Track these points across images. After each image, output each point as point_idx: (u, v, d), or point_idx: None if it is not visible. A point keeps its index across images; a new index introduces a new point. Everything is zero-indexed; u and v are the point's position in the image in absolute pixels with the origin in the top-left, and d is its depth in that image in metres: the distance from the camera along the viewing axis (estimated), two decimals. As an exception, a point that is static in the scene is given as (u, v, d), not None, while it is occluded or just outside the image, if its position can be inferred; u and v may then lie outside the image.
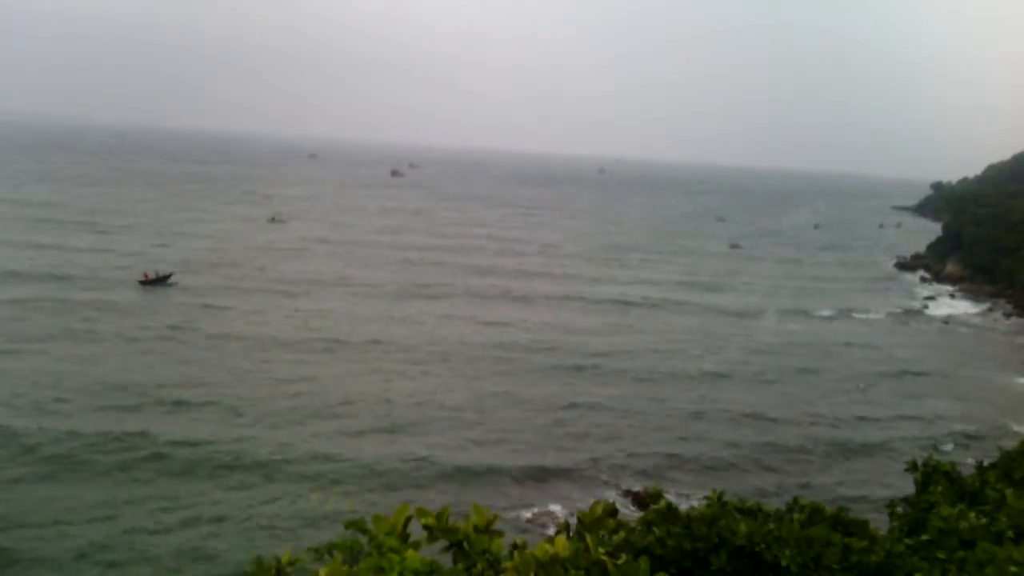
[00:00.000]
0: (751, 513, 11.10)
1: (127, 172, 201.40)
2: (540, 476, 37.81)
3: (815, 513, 11.94)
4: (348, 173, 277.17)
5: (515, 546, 4.01)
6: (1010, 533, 10.83)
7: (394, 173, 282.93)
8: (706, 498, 11.23)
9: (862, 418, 49.94)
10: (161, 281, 69.89)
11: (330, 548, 4.55)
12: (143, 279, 69.66)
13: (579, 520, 4.18)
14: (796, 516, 11.53)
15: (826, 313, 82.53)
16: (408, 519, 4.13)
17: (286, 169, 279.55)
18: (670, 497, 13.35)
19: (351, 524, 4.39)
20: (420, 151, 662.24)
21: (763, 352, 64.30)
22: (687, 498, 32.09)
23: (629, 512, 31.19)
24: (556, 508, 34.80)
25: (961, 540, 10.91)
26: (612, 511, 13.18)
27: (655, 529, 10.00)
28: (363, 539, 4.34)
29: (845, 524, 11.54)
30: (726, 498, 11.22)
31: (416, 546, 4.13)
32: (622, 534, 9.79)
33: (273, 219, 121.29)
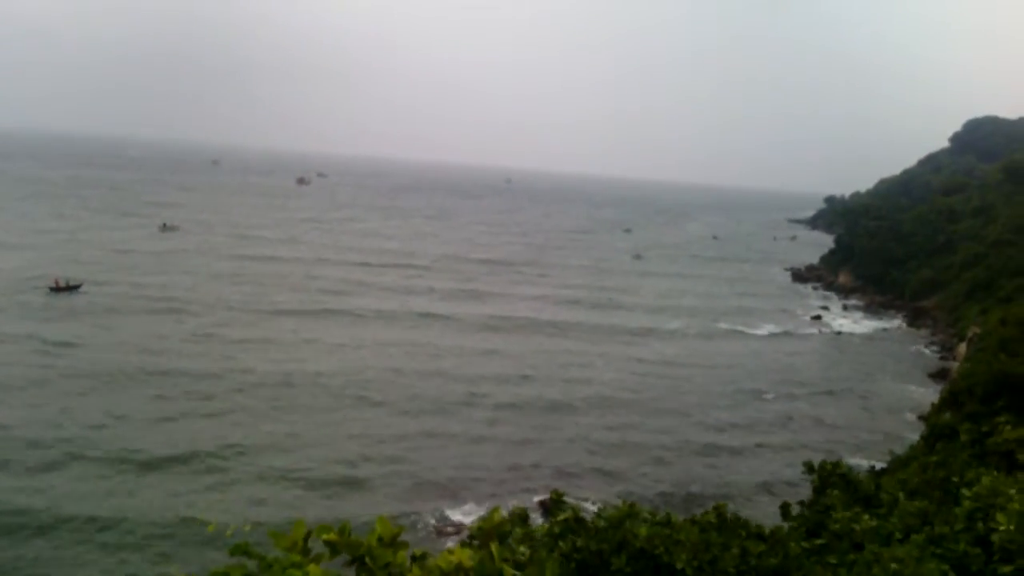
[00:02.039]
0: (659, 524, 11.33)
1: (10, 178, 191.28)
2: (433, 489, 38.09)
3: (722, 517, 12.28)
4: (251, 181, 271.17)
5: (414, 557, 3.98)
6: (899, 534, 11.33)
7: (300, 181, 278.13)
8: (614, 507, 11.43)
9: (756, 429, 51.30)
10: (72, 289, 69.77)
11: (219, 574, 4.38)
12: (53, 286, 69.34)
13: (479, 528, 4.17)
14: (697, 519, 11.86)
15: (723, 326, 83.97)
16: (308, 534, 4.06)
17: (185, 176, 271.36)
18: (572, 501, 13.49)
19: (235, 549, 4.17)
20: (329, 160, 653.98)
21: (656, 370, 64.06)
22: (592, 505, 32.51)
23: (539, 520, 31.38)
24: (463, 519, 34.92)
25: (853, 542, 11.38)
26: (524, 517, 13.24)
27: (561, 543, 10.16)
28: (250, 563, 4.19)
29: (743, 527, 11.90)
30: (635, 510, 11.44)
31: (318, 559, 4.07)
32: (527, 545, 9.89)
33: (164, 226, 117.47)
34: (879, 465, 31.28)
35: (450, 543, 31.77)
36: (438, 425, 46.06)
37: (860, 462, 36.89)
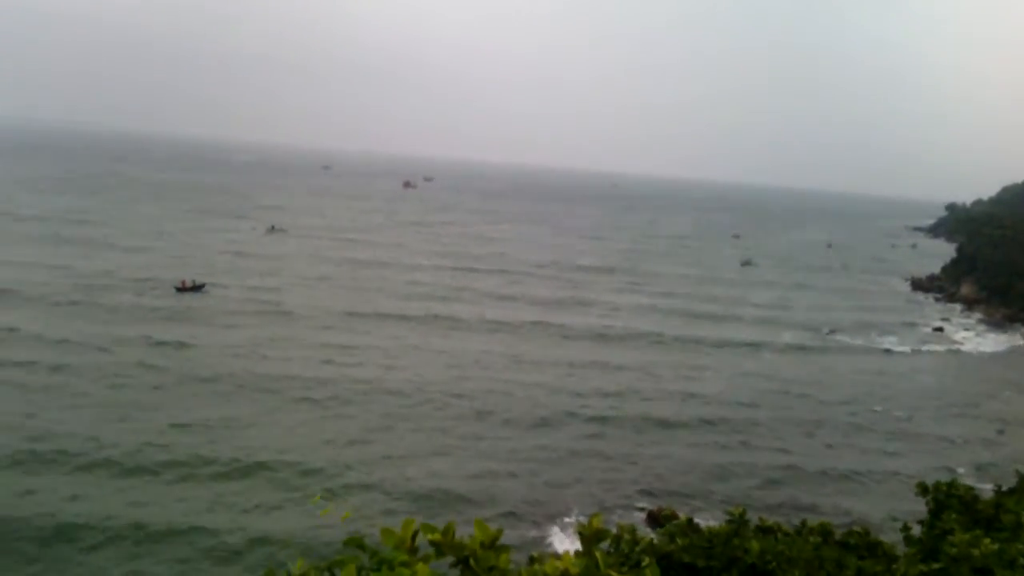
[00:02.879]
0: (769, 532, 10.96)
1: (138, 181, 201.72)
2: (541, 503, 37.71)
3: (829, 535, 11.77)
4: (358, 185, 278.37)
5: (532, 559, 3.93)
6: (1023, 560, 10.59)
7: (406, 185, 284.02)
8: (728, 513, 11.08)
9: (873, 449, 48.70)
10: (196, 289, 72.69)
11: (332, 566, 4.44)
12: (180, 286, 72.33)
13: (579, 534, 4.08)
14: (811, 537, 11.38)
15: (838, 339, 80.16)
16: (415, 533, 4.02)
17: (296, 179, 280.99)
18: (681, 516, 13.19)
19: (350, 541, 4.23)
20: (434, 164, 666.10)
21: (766, 386, 61.39)
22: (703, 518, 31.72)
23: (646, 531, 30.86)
24: (568, 521, 34.94)
25: (974, 568, 10.68)
26: (632, 530, 13.06)
27: (678, 539, 9.94)
28: (363, 556, 4.23)
29: (860, 546, 11.37)
30: (745, 518, 11.07)
31: (426, 559, 4.04)
32: (646, 540, 9.72)
33: (272, 229, 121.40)
34: (1005, 486, 29.39)
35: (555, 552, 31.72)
36: (542, 437, 45.32)
37: (984, 485, 34.79)
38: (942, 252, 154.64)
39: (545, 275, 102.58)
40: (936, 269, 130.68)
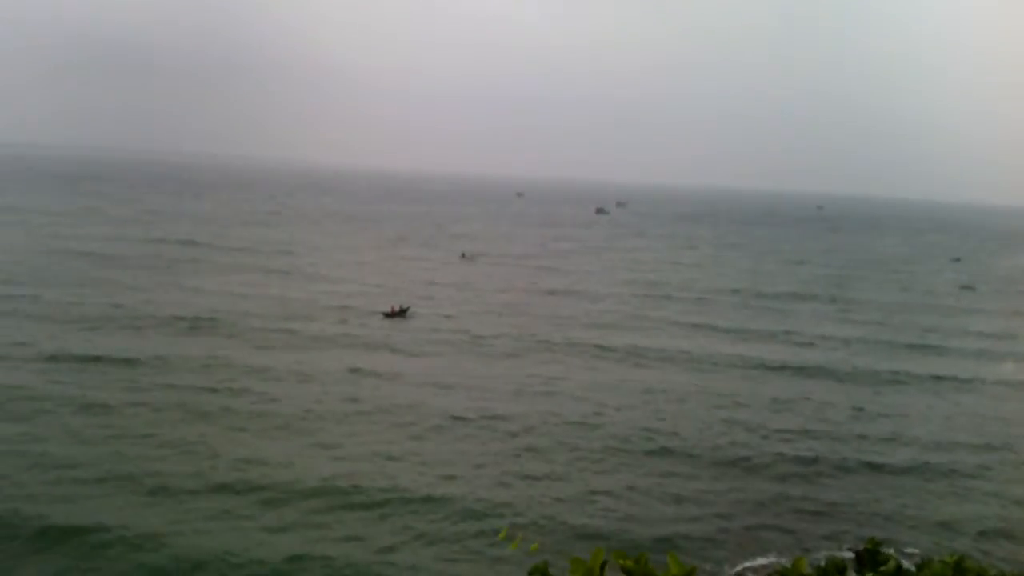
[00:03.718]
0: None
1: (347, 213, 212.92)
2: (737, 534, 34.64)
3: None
4: (550, 211, 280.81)
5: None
6: None
7: (599, 211, 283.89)
8: (940, 560, 8.40)
9: None
10: (402, 313, 75.14)
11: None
12: (388, 312, 74.87)
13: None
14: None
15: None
16: (604, 563, 4.19)
17: (489, 206, 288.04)
18: (892, 552, 10.37)
19: (535, 570, 4.57)
20: (629, 188, 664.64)
21: (992, 428, 53.93)
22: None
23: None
24: (762, 562, 32.02)
25: None
26: (840, 568, 10.60)
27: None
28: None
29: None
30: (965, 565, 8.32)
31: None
32: None
33: (463, 256, 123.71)
34: None
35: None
36: (738, 478, 41.73)
37: None
38: None
39: (741, 303, 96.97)
40: None
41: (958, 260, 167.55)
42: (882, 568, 8.82)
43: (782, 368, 65.54)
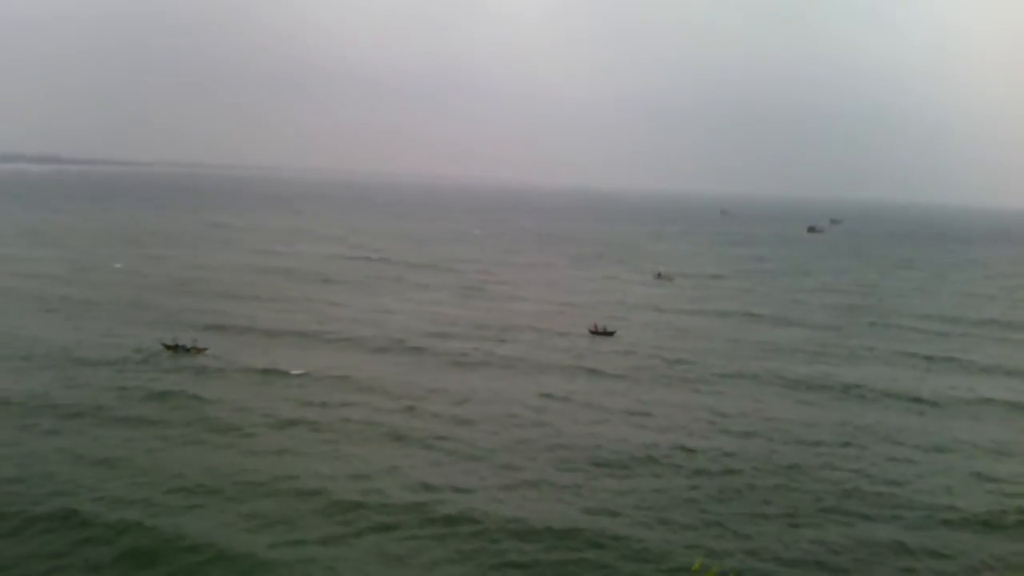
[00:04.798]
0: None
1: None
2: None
3: None
4: (758, 230, 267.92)
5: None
6: None
7: (811, 230, 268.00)
8: None
9: None
10: (607, 335, 74.06)
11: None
12: (593, 330, 74.48)
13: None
14: None
15: None
16: None
17: (692, 226, 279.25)
18: None
19: None
20: (844, 205, 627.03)
21: None
22: None
23: None
24: None
25: None
26: None
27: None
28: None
29: None
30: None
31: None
32: None
33: (659, 276, 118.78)
34: None
35: None
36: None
37: None
38: None
39: (993, 336, 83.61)
40: None
41: None
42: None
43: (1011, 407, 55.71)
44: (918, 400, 56.68)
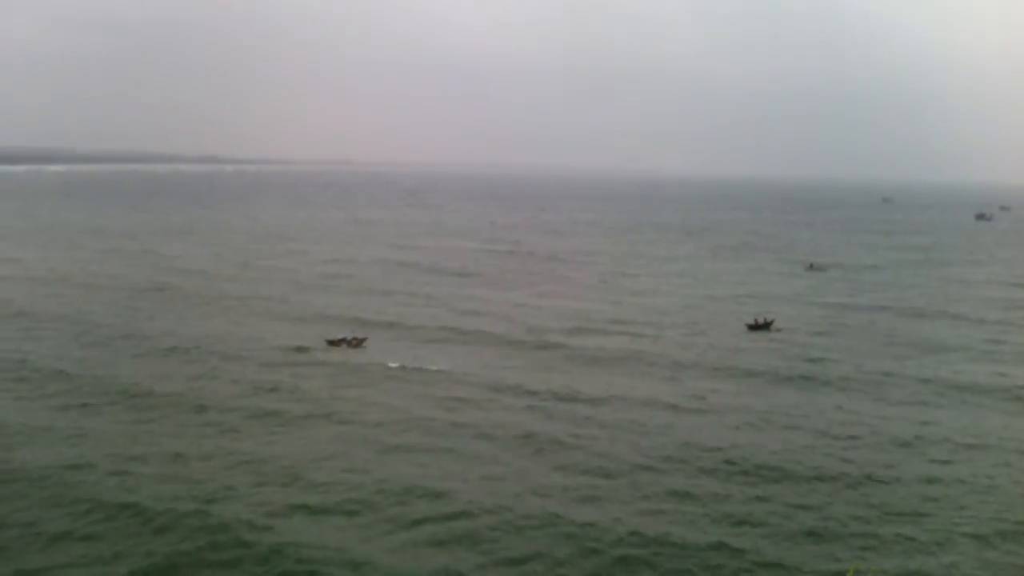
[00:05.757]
0: None
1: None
2: None
3: None
4: (923, 219, 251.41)
5: None
6: None
7: (979, 217, 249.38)
8: None
9: None
10: (766, 327, 71.23)
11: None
12: (752, 323, 71.30)
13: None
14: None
15: None
16: None
17: (854, 213, 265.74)
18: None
19: None
20: (1013, 191, 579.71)
21: None
22: None
23: None
24: None
25: None
26: None
27: None
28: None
29: None
30: None
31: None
32: None
33: (811, 267, 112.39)
34: None
35: None
36: None
37: None
38: None
39: None
40: None
41: None
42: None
43: None
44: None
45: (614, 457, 40.25)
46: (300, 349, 60.23)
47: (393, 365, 56.27)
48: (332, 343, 60.73)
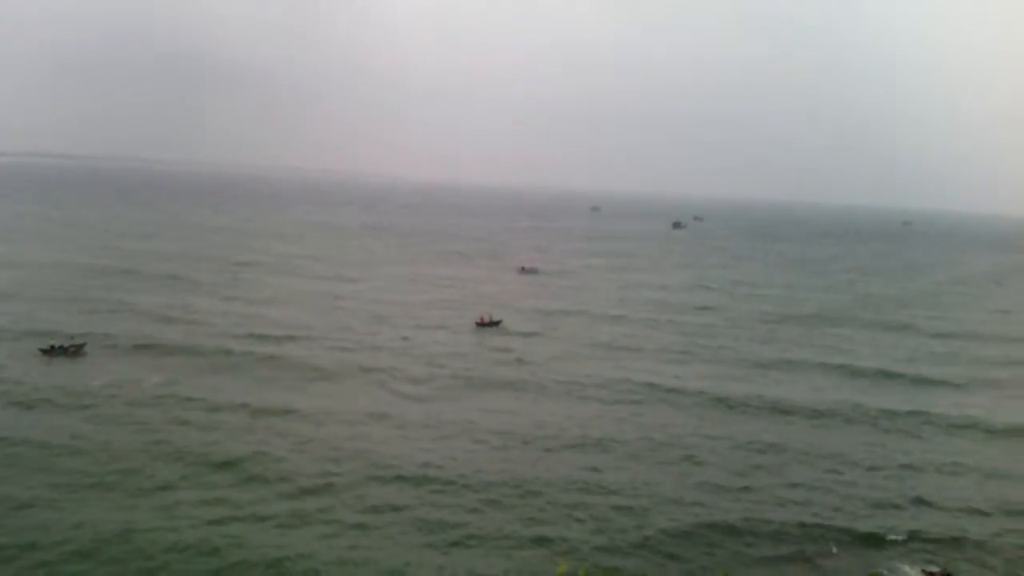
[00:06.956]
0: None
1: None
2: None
3: None
4: (628, 226, 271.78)
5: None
6: None
7: (675, 225, 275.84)
8: None
9: None
10: (493, 325, 73.32)
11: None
12: (479, 321, 73.55)
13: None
14: None
15: None
16: None
17: (566, 221, 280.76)
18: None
19: None
20: (706, 204, 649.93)
21: None
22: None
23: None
24: None
25: None
26: None
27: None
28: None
29: None
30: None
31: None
32: None
33: (523, 269, 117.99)
34: None
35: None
36: None
37: None
38: None
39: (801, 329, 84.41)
40: None
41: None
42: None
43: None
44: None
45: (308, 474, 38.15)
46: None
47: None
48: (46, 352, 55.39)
